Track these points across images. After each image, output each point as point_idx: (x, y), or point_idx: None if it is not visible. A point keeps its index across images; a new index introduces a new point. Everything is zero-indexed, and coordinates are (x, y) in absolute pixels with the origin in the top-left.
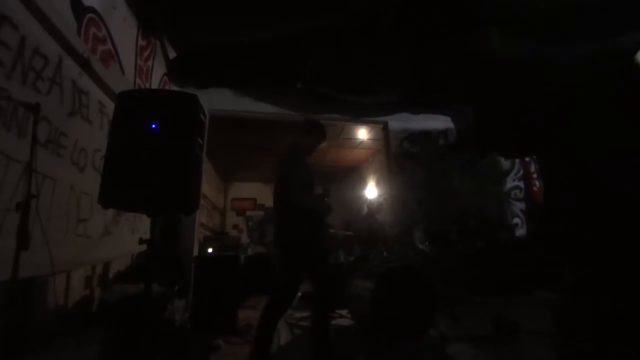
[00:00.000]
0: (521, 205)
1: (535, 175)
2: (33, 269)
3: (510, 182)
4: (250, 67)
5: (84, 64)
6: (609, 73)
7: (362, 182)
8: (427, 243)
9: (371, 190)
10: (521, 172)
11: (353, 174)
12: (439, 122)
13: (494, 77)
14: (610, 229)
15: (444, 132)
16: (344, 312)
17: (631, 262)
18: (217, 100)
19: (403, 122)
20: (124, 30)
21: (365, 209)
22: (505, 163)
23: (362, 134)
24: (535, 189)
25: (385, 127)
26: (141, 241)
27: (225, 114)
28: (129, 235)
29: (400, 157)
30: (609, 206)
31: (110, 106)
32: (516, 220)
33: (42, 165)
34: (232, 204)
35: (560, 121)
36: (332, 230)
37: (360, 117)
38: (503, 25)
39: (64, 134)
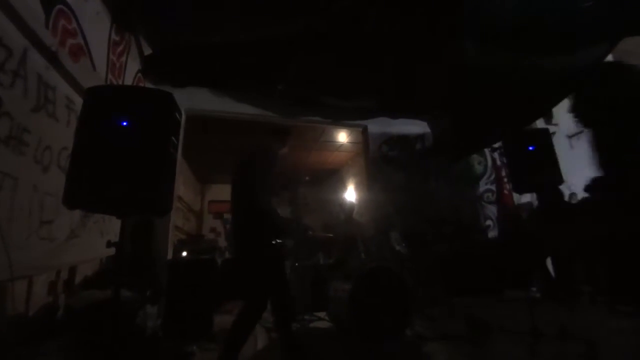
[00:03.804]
0: (493, 208)
1: (506, 179)
2: None
3: (483, 186)
4: (230, 68)
5: (52, 58)
6: None
7: (343, 185)
8: (403, 244)
9: (351, 193)
10: (493, 176)
11: (334, 177)
12: (416, 127)
13: (469, 85)
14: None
15: (421, 137)
16: (322, 314)
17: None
18: (196, 100)
19: (382, 126)
20: (96, 24)
21: (341, 214)
22: (478, 167)
23: (342, 137)
24: (505, 192)
25: (364, 131)
26: (109, 244)
27: (204, 114)
28: (97, 238)
29: (379, 161)
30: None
31: (78, 102)
32: (488, 222)
33: (3, 163)
34: (209, 206)
35: None
36: (310, 232)
37: (341, 120)
38: (480, 36)
39: (27, 130)
